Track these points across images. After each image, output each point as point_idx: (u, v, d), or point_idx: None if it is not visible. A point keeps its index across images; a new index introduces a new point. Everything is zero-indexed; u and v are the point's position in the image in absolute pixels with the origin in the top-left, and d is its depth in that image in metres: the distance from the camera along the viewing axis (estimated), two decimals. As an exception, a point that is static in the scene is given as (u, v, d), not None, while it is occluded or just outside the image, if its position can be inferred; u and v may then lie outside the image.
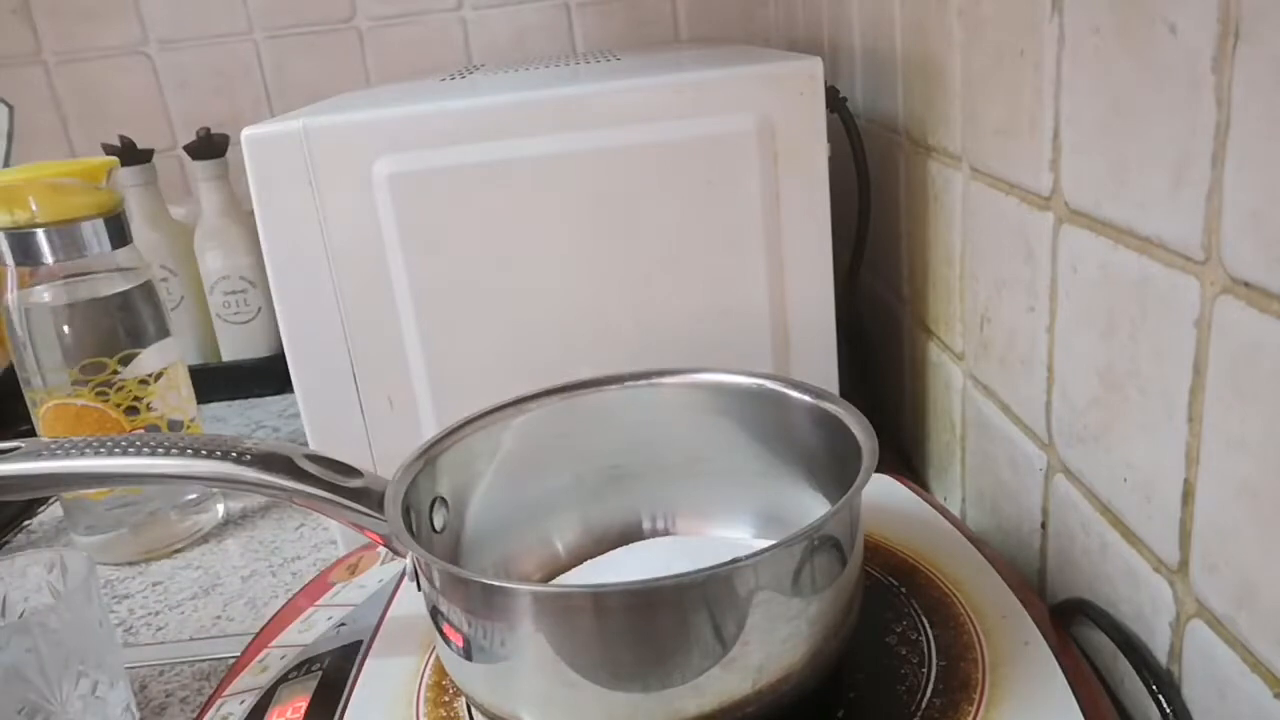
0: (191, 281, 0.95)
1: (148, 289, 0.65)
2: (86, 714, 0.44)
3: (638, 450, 0.45)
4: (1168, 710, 0.33)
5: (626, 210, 0.52)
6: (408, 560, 0.36)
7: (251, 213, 0.52)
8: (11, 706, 0.42)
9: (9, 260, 0.61)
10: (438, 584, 0.34)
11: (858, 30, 0.70)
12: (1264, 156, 0.26)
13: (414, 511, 0.38)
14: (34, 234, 0.60)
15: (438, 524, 0.40)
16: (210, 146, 0.91)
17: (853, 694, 0.35)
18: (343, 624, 0.44)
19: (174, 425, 0.66)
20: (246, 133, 0.51)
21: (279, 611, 0.48)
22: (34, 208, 0.60)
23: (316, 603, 0.47)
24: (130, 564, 0.66)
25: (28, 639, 0.42)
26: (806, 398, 0.41)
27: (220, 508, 0.71)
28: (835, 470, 0.39)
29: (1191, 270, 0.30)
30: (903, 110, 0.60)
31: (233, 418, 0.91)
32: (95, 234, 0.62)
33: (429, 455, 0.40)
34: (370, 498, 0.38)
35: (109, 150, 0.91)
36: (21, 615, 0.47)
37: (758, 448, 0.44)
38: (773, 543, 0.31)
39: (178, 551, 0.67)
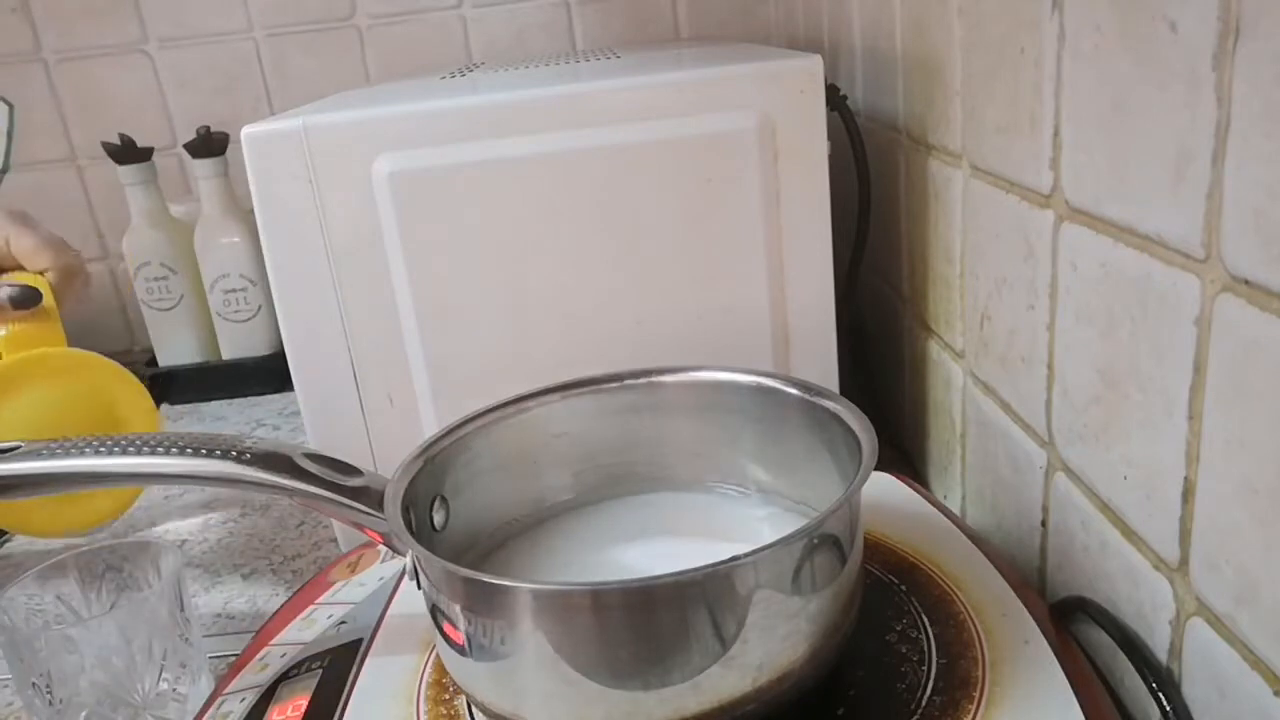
0: (191, 280, 0.95)
1: None
2: (166, 707, 0.44)
3: (638, 449, 0.45)
4: (1167, 708, 0.33)
5: (627, 209, 0.52)
6: (408, 558, 0.36)
7: (251, 211, 0.52)
8: (95, 695, 0.42)
9: None
10: (437, 582, 0.34)
11: (858, 28, 0.70)
12: (1264, 154, 0.26)
13: (414, 510, 0.38)
14: None
15: (437, 522, 0.40)
16: (210, 145, 0.91)
17: (852, 692, 0.35)
18: (343, 622, 0.44)
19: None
20: (246, 131, 0.51)
21: (279, 609, 0.48)
22: None
23: (317, 601, 0.47)
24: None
25: (119, 626, 0.42)
26: (807, 396, 0.41)
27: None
28: (835, 468, 0.39)
29: (1192, 268, 0.30)
30: (903, 108, 0.60)
31: (233, 416, 0.91)
32: None
33: (429, 454, 0.40)
34: (370, 496, 0.38)
35: (109, 149, 0.91)
36: (113, 605, 0.47)
37: (758, 446, 0.44)
38: (772, 540, 0.31)
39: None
